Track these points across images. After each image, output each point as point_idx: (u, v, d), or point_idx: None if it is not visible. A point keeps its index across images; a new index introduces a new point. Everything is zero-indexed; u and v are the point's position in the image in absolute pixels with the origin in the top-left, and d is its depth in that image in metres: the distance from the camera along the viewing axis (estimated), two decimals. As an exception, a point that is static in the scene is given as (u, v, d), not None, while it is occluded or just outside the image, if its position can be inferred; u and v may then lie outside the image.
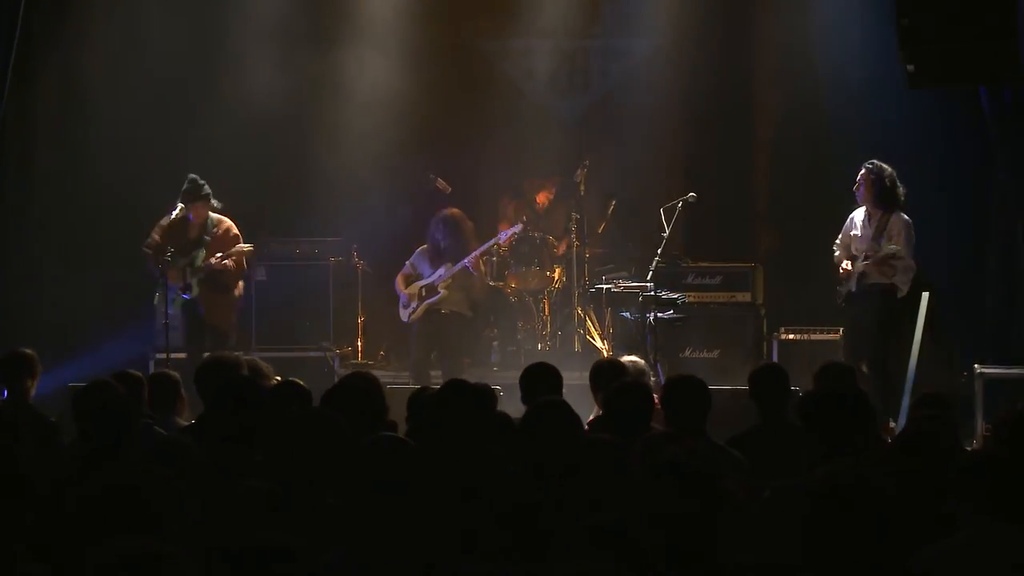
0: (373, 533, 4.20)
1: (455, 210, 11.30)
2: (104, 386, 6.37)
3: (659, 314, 10.98)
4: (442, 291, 10.95)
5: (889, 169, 10.24)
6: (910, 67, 9.91)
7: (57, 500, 4.38)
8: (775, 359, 11.27)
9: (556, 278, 12.55)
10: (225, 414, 5.81)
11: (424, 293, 11.04)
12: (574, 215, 12.44)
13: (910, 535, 4.16)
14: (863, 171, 10.27)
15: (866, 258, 10.16)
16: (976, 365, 10.50)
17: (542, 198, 12.97)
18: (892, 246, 10.00)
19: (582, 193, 12.46)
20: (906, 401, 10.04)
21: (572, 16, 13.33)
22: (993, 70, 9.91)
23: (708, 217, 12.38)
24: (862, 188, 10.24)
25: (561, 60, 13.87)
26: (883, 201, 10.21)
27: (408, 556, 4.15)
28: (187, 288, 10.66)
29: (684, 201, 11.21)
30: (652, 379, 8.40)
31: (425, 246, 11.25)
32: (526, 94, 13.83)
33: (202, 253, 10.67)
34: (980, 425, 10.12)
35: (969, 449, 6.70)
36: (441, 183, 12.04)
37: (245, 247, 10.79)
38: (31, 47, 11.81)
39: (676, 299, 11.16)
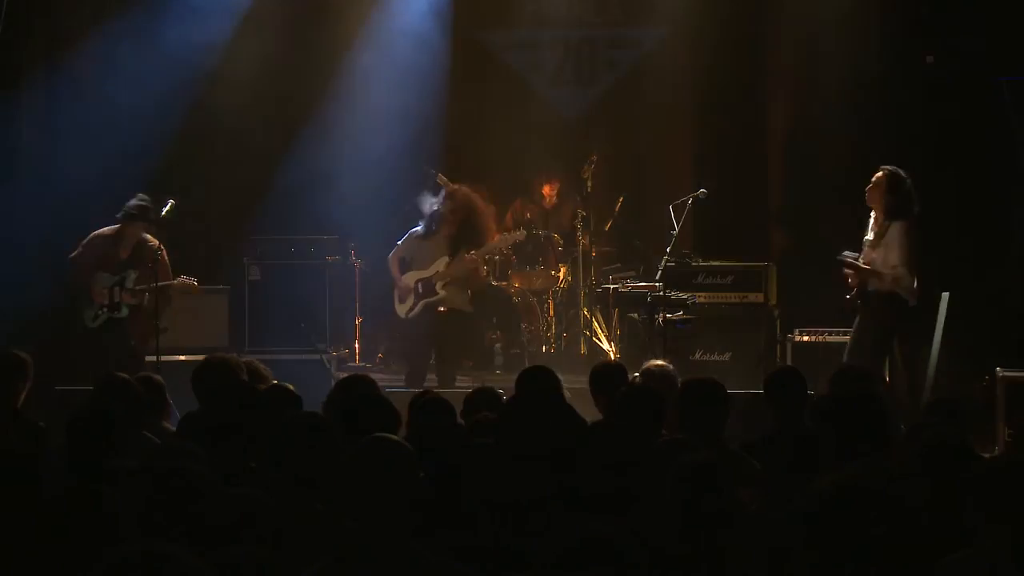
0: (360, 540, 4.01)
1: (465, 189, 10.91)
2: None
3: (668, 315, 10.77)
4: (440, 292, 10.57)
5: (907, 178, 9.92)
6: (929, 58, 9.77)
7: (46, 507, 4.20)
8: (789, 362, 11.08)
9: (561, 278, 12.36)
10: (222, 417, 5.73)
11: (421, 289, 10.65)
12: (580, 212, 12.22)
13: (922, 544, 4.12)
14: (879, 173, 9.99)
15: (867, 266, 9.99)
16: (998, 368, 10.32)
17: (548, 190, 12.73)
18: (891, 266, 9.80)
19: (588, 189, 12.30)
20: (925, 406, 9.84)
21: (577, 4, 13.30)
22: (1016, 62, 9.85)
23: (719, 214, 12.26)
24: (874, 191, 9.99)
25: (566, 51, 13.82)
26: (891, 208, 9.89)
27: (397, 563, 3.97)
28: (115, 307, 10.36)
29: (694, 198, 11.05)
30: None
31: (416, 228, 10.82)
32: (530, 86, 13.76)
33: (133, 275, 10.38)
34: (1002, 430, 9.96)
35: (988, 456, 6.42)
36: (441, 179, 11.81)
37: (183, 281, 10.41)
38: (15, 45, 11.72)
39: (686, 300, 10.96)
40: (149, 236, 10.47)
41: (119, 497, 3.97)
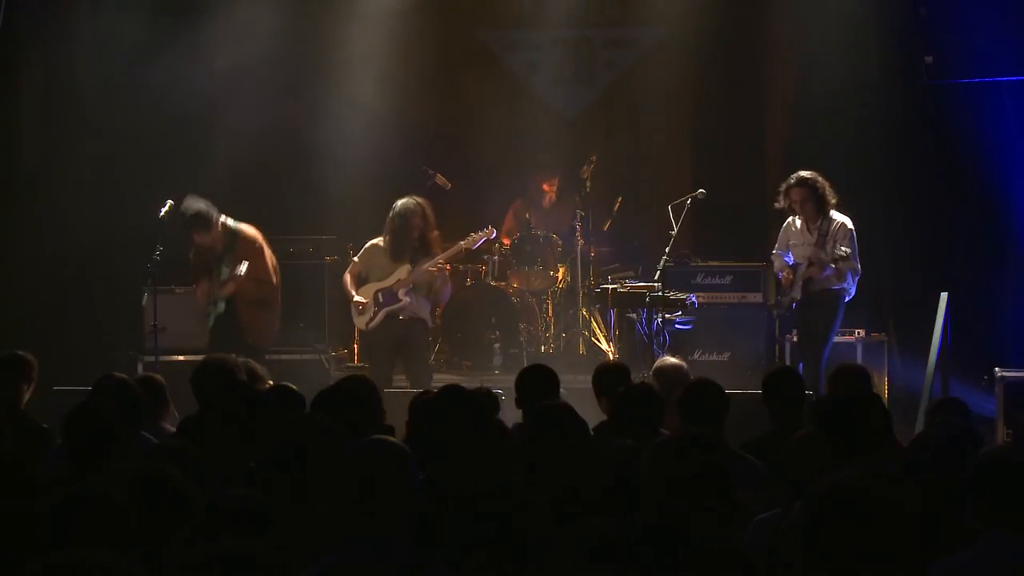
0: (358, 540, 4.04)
1: (413, 200, 10.59)
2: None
3: (667, 315, 10.72)
4: (403, 298, 10.42)
5: (820, 177, 10.21)
6: (928, 59, 9.74)
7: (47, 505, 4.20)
8: (787, 362, 11.07)
9: (560, 278, 12.33)
10: (222, 418, 5.74)
11: (382, 299, 10.50)
12: (579, 212, 12.18)
13: (923, 545, 4.12)
14: (799, 189, 10.23)
15: (810, 264, 10.18)
16: (997, 368, 10.31)
17: (548, 190, 12.77)
18: (843, 249, 10.06)
19: (587, 190, 12.24)
20: (924, 406, 9.89)
21: (577, 4, 13.25)
22: (1016, 64, 9.75)
23: (718, 214, 12.24)
24: (807, 205, 10.22)
25: (565, 51, 13.78)
26: (823, 209, 10.22)
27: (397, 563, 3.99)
28: (213, 304, 10.35)
29: (693, 198, 10.98)
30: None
31: (377, 240, 10.68)
32: (530, 86, 13.73)
33: (224, 269, 10.31)
34: (1001, 430, 9.96)
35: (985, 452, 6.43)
36: (441, 179, 11.82)
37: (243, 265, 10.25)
38: (14, 44, 11.71)
39: (685, 300, 10.84)
40: (235, 224, 10.38)
41: (118, 496, 3.96)
